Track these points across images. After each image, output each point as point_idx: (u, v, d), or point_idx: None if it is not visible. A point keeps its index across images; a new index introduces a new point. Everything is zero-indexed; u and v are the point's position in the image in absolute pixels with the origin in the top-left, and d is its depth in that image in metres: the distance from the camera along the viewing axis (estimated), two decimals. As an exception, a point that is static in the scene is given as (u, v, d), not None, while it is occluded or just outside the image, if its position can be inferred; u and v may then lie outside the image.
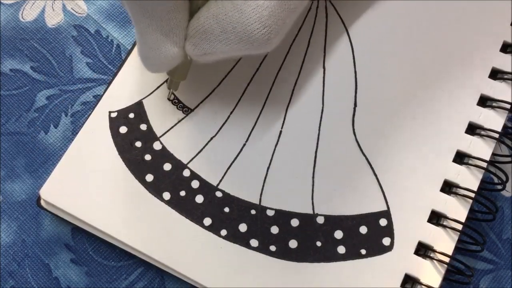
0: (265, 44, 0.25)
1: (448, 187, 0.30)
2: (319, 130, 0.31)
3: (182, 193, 0.30)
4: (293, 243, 0.30)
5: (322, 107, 0.32)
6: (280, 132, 0.31)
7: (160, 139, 0.31)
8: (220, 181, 0.31)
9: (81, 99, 0.34)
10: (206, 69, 0.32)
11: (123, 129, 0.31)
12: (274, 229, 0.30)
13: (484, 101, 0.32)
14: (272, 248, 0.30)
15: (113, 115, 0.32)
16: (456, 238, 0.29)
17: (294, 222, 0.30)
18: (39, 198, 0.31)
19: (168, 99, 0.32)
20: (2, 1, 0.36)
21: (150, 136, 0.31)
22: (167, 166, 0.31)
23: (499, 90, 0.31)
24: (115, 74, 0.32)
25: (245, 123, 0.31)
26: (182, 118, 0.32)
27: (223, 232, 0.30)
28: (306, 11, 0.33)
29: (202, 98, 0.32)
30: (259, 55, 0.32)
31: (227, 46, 0.26)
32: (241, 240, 0.30)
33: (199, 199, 0.30)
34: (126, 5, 0.26)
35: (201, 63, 0.28)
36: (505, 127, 0.31)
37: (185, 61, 0.28)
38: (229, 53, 0.26)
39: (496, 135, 0.30)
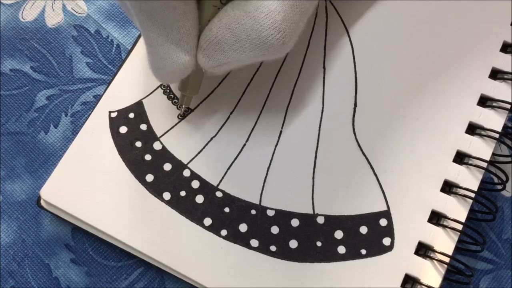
0: (281, 48, 0.25)
1: (448, 187, 0.30)
2: (319, 130, 0.31)
3: (182, 193, 0.30)
4: (293, 243, 0.30)
5: (322, 107, 0.32)
6: (280, 132, 0.31)
7: (160, 139, 0.31)
8: (220, 181, 0.31)
9: (81, 99, 0.34)
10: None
11: (123, 129, 0.31)
12: (274, 229, 0.30)
13: (484, 101, 0.32)
14: (272, 248, 0.30)
15: (113, 115, 0.32)
16: (456, 238, 0.29)
17: (294, 222, 0.30)
18: (39, 198, 0.31)
19: (179, 116, 0.31)
20: (2, 1, 0.36)
21: (150, 136, 0.31)
22: (167, 166, 0.31)
23: (499, 90, 0.31)
24: (115, 74, 0.32)
25: (245, 123, 0.31)
26: (182, 118, 0.32)
27: (223, 232, 0.30)
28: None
29: (202, 98, 0.32)
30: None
31: (242, 55, 0.26)
32: (241, 240, 0.30)
33: (199, 199, 0.30)
34: (134, 17, 0.26)
35: (216, 75, 0.28)
36: (505, 127, 0.31)
37: (197, 73, 0.28)
38: (244, 62, 0.26)
39: (496, 135, 0.30)
